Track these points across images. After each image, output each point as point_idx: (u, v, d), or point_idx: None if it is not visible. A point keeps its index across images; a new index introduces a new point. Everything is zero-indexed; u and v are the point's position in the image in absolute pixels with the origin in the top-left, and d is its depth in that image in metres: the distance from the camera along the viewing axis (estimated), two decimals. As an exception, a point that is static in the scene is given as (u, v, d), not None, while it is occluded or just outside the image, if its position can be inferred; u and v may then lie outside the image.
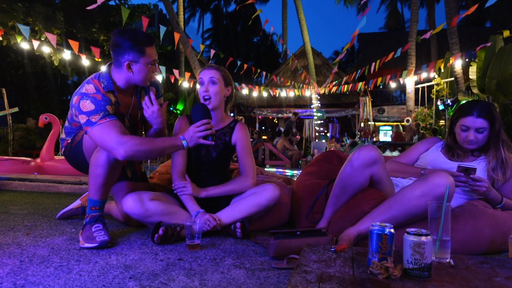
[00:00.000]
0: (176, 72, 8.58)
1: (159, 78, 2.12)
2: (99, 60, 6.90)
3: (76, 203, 2.41)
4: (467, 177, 1.80)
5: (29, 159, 5.31)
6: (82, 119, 1.79)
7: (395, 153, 9.14)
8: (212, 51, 8.33)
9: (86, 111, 1.77)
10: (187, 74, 9.46)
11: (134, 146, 1.72)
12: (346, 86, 11.68)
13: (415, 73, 10.75)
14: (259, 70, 9.88)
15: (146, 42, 1.86)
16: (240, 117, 13.14)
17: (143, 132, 2.21)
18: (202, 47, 8.03)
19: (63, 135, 2.13)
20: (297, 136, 11.23)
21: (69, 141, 2.09)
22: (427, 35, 6.81)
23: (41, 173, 4.99)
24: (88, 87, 1.84)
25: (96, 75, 1.93)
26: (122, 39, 1.83)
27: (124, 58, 1.85)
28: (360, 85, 10.79)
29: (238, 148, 2.15)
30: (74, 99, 1.84)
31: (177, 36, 6.23)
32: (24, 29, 5.24)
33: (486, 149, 2.01)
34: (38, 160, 5.24)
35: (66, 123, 2.08)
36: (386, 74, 10.17)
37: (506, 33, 6.08)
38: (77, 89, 1.89)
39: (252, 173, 2.10)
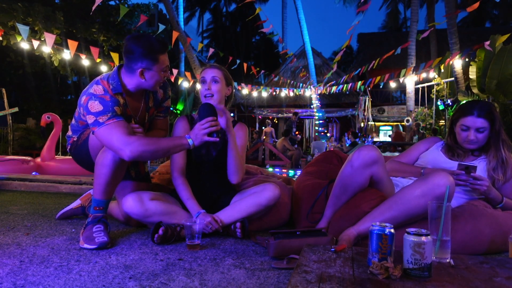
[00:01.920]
0: (175, 72, 8.57)
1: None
2: (99, 60, 6.89)
3: (76, 203, 2.41)
4: (467, 175, 1.80)
5: (29, 158, 5.30)
6: (90, 119, 1.79)
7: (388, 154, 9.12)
8: (211, 50, 8.29)
9: (94, 111, 1.78)
10: (187, 74, 9.45)
11: (140, 146, 1.73)
12: (345, 85, 11.68)
13: (415, 72, 10.74)
14: (257, 69, 9.88)
15: (159, 50, 1.84)
16: (268, 121, 12.89)
17: None
18: (200, 45, 7.99)
19: (69, 133, 2.14)
20: (298, 136, 11.24)
21: (75, 139, 2.09)
22: (426, 34, 6.83)
23: (41, 173, 4.98)
24: (96, 88, 1.84)
25: (105, 76, 1.92)
26: (136, 46, 1.80)
27: (138, 65, 1.83)
28: (360, 83, 10.79)
29: None
30: (83, 99, 1.84)
31: (175, 34, 6.18)
32: (24, 29, 5.22)
33: (486, 149, 2.01)
34: (39, 159, 5.23)
35: (73, 121, 2.09)
36: (386, 74, 10.17)
37: (504, 38, 6.11)
38: (85, 88, 1.89)
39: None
